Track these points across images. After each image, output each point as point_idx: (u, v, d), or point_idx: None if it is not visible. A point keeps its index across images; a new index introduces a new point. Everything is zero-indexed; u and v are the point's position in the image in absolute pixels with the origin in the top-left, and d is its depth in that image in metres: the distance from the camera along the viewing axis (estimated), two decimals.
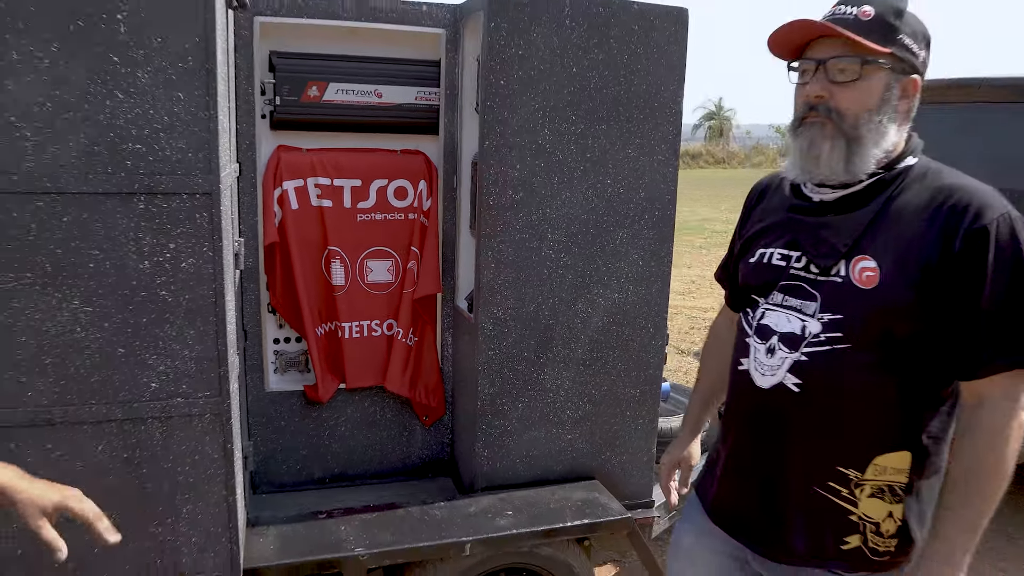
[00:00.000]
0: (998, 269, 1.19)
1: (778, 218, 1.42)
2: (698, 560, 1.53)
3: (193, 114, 1.52)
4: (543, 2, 2.01)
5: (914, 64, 1.27)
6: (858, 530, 1.32)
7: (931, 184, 1.27)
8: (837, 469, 1.30)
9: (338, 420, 2.41)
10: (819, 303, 1.29)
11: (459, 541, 1.99)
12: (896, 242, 1.24)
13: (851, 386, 1.28)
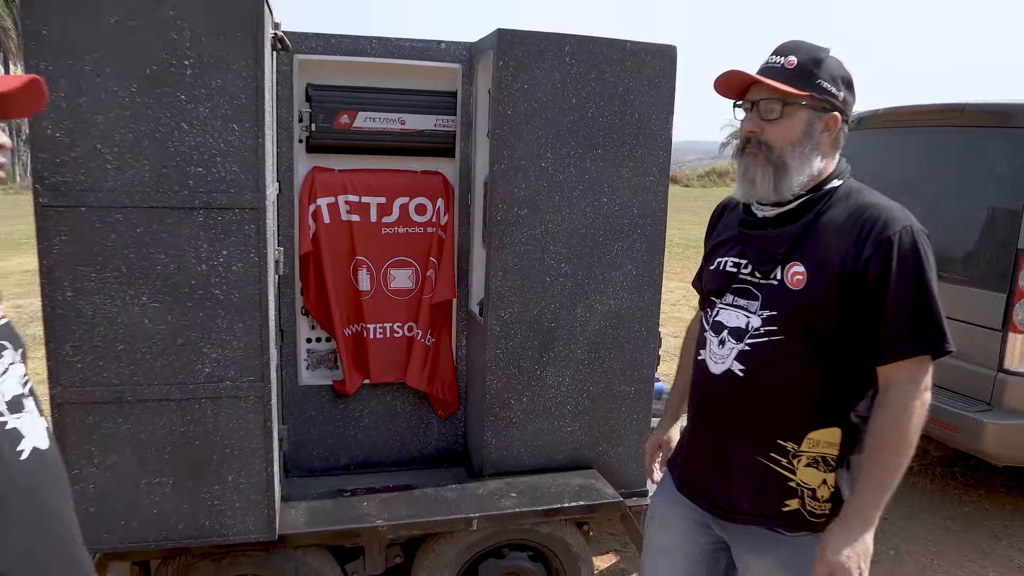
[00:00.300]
0: (901, 271, 1.43)
1: (732, 232, 1.67)
2: (669, 524, 1.77)
3: (244, 142, 1.82)
4: (546, 41, 2.29)
5: (833, 103, 1.51)
6: (797, 495, 1.55)
7: (852, 203, 1.51)
8: (777, 442, 1.54)
9: (363, 412, 2.68)
10: (760, 302, 1.54)
11: (467, 517, 2.25)
12: (822, 250, 1.49)
13: (785, 371, 1.52)
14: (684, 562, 1.75)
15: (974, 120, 3.38)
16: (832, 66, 1.51)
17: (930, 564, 3.16)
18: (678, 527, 1.75)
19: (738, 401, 1.58)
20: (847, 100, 1.54)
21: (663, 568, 1.78)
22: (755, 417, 1.56)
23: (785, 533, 1.57)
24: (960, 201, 3.40)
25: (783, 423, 1.54)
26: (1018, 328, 3.09)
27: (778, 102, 1.49)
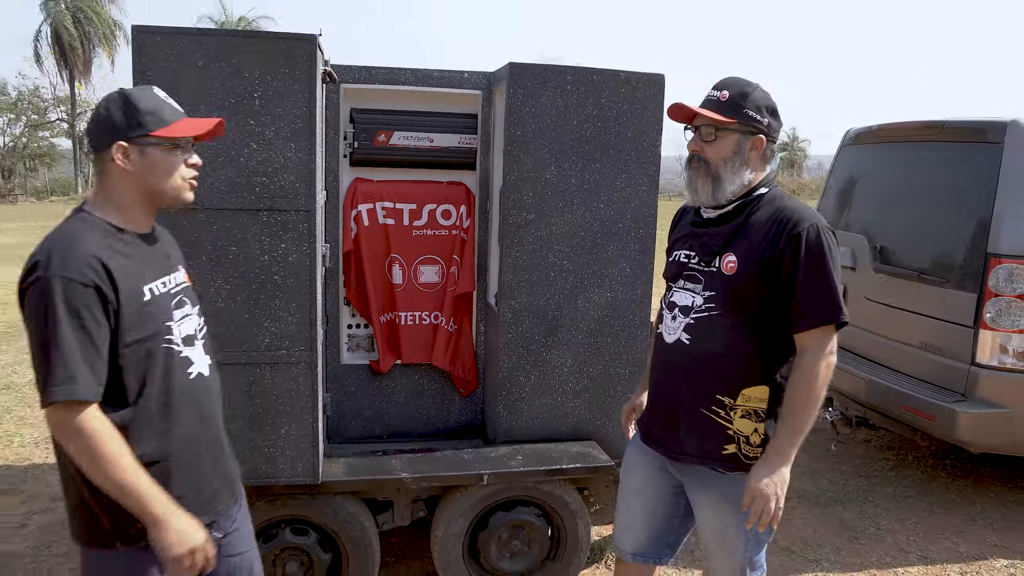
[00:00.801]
0: (807, 260, 1.81)
1: (686, 231, 2.06)
2: (637, 469, 2.16)
3: (300, 158, 2.28)
4: (550, 72, 2.71)
5: (758, 127, 1.90)
6: (734, 441, 1.93)
7: (774, 206, 1.90)
8: (717, 397, 1.93)
9: (395, 388, 3.11)
10: (703, 285, 1.94)
11: (479, 473, 2.66)
12: (749, 244, 1.88)
13: (722, 340, 1.91)
14: (649, 500, 2.14)
15: (952, 136, 3.70)
16: (758, 98, 1.90)
17: (907, 540, 3.46)
18: (644, 472, 2.14)
19: (686, 364, 1.97)
20: (771, 125, 1.93)
21: (633, 505, 2.17)
22: (699, 377, 1.95)
23: (725, 472, 1.95)
24: (940, 210, 3.71)
25: (721, 382, 1.93)
26: (988, 326, 3.39)
27: (713, 127, 1.89)
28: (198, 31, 2.33)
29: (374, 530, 2.70)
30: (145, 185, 1.62)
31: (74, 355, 1.46)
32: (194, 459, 1.68)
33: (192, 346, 1.68)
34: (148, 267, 1.64)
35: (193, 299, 1.76)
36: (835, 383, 4.23)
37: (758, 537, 2.02)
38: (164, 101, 1.63)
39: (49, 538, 3.39)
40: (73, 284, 1.47)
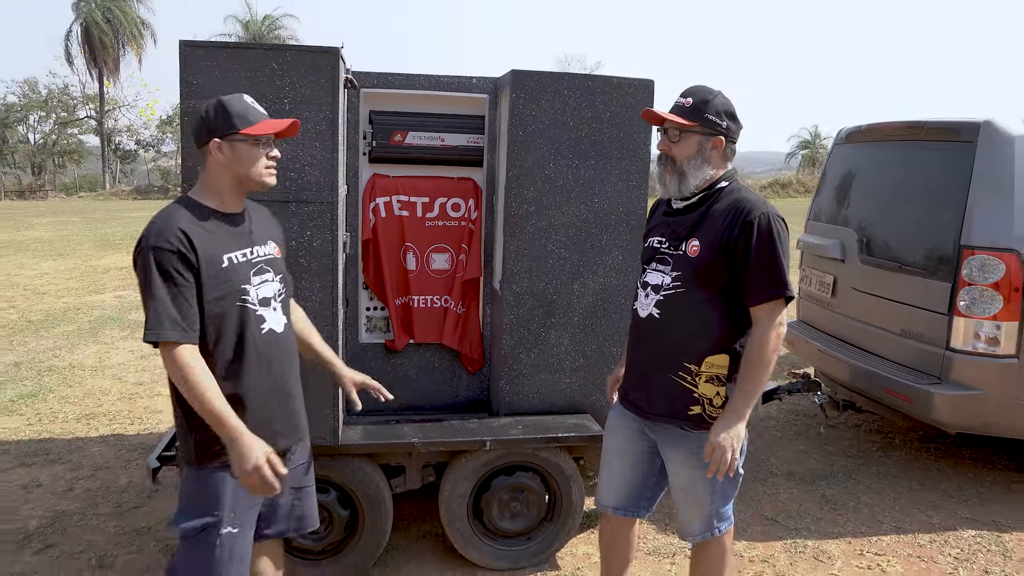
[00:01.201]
0: (759, 243, 2.09)
1: (660, 220, 2.34)
2: (617, 432, 2.44)
3: (324, 156, 2.59)
4: (549, 78, 3.00)
5: (718, 130, 2.17)
6: (699, 403, 2.21)
7: (732, 198, 2.18)
8: (684, 364, 2.21)
9: (408, 365, 3.42)
10: (671, 266, 2.22)
11: (482, 439, 2.95)
12: (710, 230, 2.16)
13: (687, 314, 2.19)
14: (629, 459, 2.43)
15: (931, 135, 3.94)
16: (718, 104, 2.18)
17: (883, 513, 3.71)
18: (624, 434, 2.43)
19: (656, 336, 2.25)
20: (730, 127, 2.20)
21: (614, 464, 2.46)
22: (668, 347, 2.23)
23: (691, 430, 2.23)
24: (920, 205, 3.95)
25: (688, 351, 2.21)
26: (961, 313, 3.62)
27: (678, 130, 2.17)
28: (235, 45, 2.65)
29: (388, 491, 3.00)
30: (235, 174, 2.02)
31: (164, 304, 1.88)
32: (260, 401, 2.06)
33: (268, 307, 2.08)
34: (230, 240, 2.03)
35: (277, 268, 2.15)
36: (824, 369, 4.50)
37: (724, 491, 2.30)
38: (251, 105, 2.03)
39: (95, 500, 3.74)
40: (162, 251, 1.89)
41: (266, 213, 2.26)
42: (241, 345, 2.02)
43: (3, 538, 3.35)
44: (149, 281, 1.89)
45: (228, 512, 2.04)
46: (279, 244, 2.21)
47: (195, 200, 2.04)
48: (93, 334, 7.26)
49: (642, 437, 2.39)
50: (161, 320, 1.88)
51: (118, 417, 4.95)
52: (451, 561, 3.15)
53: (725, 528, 2.34)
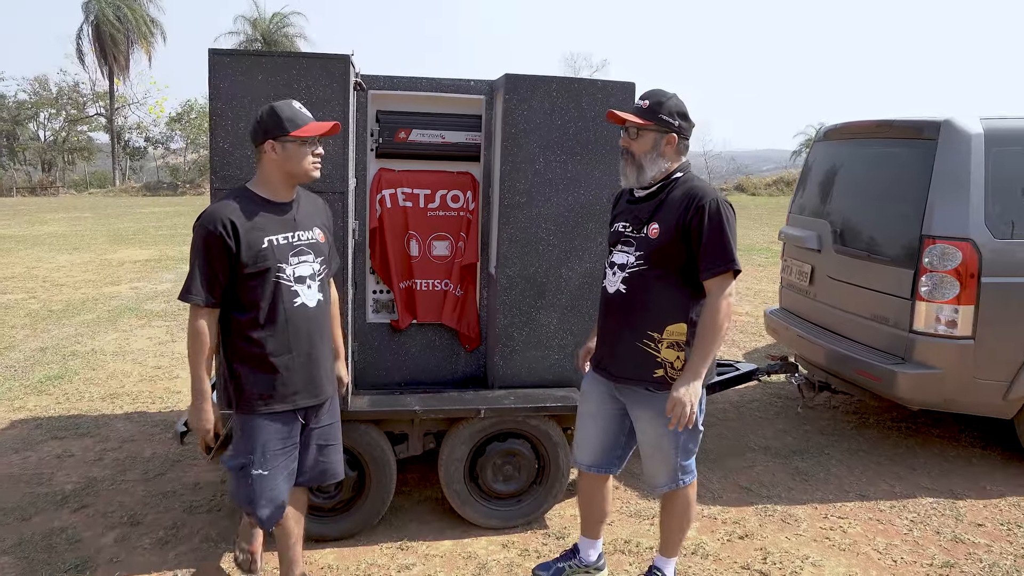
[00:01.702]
0: (710, 224, 2.40)
1: (624, 207, 2.65)
2: (590, 397, 2.76)
3: (336, 152, 2.90)
4: (539, 81, 3.30)
5: (671, 128, 2.48)
6: (662, 367, 2.52)
7: (687, 187, 2.49)
8: (648, 333, 2.52)
9: (411, 343, 3.73)
10: (635, 247, 2.53)
11: (478, 408, 3.26)
12: (667, 215, 2.47)
13: (650, 289, 2.50)
14: (601, 421, 2.74)
15: (898, 133, 4.23)
16: (671, 105, 2.49)
17: (850, 483, 4.01)
18: (596, 399, 2.74)
19: (623, 308, 2.56)
20: (682, 126, 2.51)
21: (588, 426, 2.77)
22: (633, 317, 2.54)
23: (656, 391, 2.54)
24: (887, 198, 4.24)
25: (651, 321, 2.52)
26: (923, 298, 3.92)
27: (636, 128, 2.48)
28: (258, 53, 2.96)
29: (392, 455, 3.31)
30: (285, 169, 2.39)
31: (199, 274, 2.28)
32: (284, 364, 2.43)
33: (303, 283, 2.46)
34: (274, 225, 2.40)
35: (319, 251, 2.51)
36: (803, 353, 4.80)
37: (686, 446, 2.61)
38: (299, 111, 2.37)
39: (123, 468, 4.07)
40: (208, 232, 2.29)
41: (319, 203, 2.64)
42: (273, 314, 2.40)
43: (44, 499, 3.68)
44: (194, 252, 2.33)
45: (259, 456, 2.43)
46: (324, 230, 2.58)
47: (250, 190, 2.44)
48: (112, 322, 7.60)
49: (613, 401, 2.70)
50: (191, 287, 2.33)
51: (140, 397, 5.29)
52: (449, 521, 3.46)
53: (689, 480, 2.65)
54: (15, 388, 5.44)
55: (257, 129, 2.39)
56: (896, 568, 3.18)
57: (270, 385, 2.43)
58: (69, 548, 3.22)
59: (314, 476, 2.64)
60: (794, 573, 3.12)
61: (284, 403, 2.46)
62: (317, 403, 2.55)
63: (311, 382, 2.51)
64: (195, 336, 2.33)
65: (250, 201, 2.41)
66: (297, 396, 2.48)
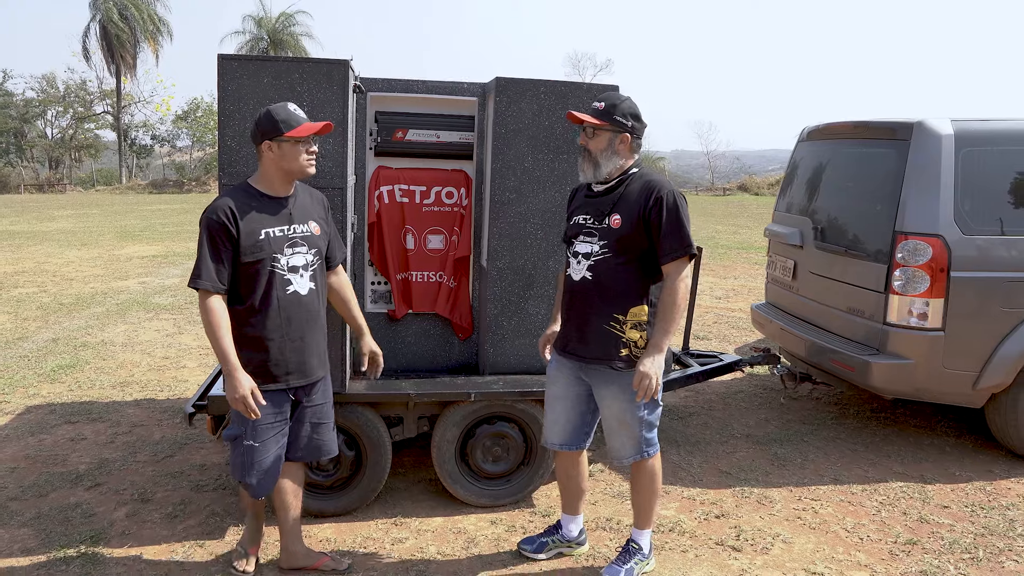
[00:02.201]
0: (667, 214, 2.62)
1: (582, 201, 2.87)
2: (558, 381, 2.96)
3: (336, 149, 3.10)
4: (528, 84, 3.50)
5: (624, 128, 2.70)
6: (627, 346, 2.73)
7: (643, 180, 2.72)
8: (613, 315, 2.73)
9: (407, 332, 3.93)
10: (598, 237, 2.73)
11: (468, 392, 3.46)
12: (628, 206, 2.68)
13: (614, 274, 2.71)
14: (568, 402, 2.96)
15: (874, 133, 4.42)
16: (624, 107, 2.72)
17: (825, 469, 4.20)
18: (563, 382, 2.95)
19: (589, 294, 2.77)
20: (634, 126, 2.73)
21: (557, 408, 2.98)
22: (599, 302, 2.75)
23: (621, 370, 2.75)
24: (864, 195, 4.43)
25: (615, 304, 2.73)
26: (896, 291, 4.10)
27: (591, 128, 2.70)
28: (263, 58, 3.18)
29: (388, 437, 3.51)
30: (282, 167, 2.60)
31: (206, 261, 2.48)
32: (276, 346, 2.65)
33: (296, 273, 2.66)
34: (271, 218, 2.61)
35: (312, 243, 2.71)
36: (785, 346, 5.00)
37: (649, 421, 2.82)
38: (293, 112, 2.57)
39: (134, 450, 4.28)
40: (213, 221, 2.49)
41: (316, 196, 2.85)
42: (267, 301, 2.61)
43: (59, 478, 3.89)
44: (201, 241, 2.53)
45: (251, 430, 2.66)
46: (319, 223, 2.78)
47: (251, 186, 2.66)
48: (121, 315, 7.82)
49: (578, 383, 2.91)
50: (200, 273, 2.52)
51: (149, 385, 5.50)
52: (441, 500, 3.67)
53: (653, 452, 2.86)
54: (29, 376, 5.66)
55: (256, 131, 2.61)
56: (862, 545, 3.37)
57: (264, 366, 2.65)
58: (84, 522, 3.43)
59: (309, 452, 2.87)
60: (765, 549, 3.32)
61: (277, 383, 2.69)
62: (308, 383, 2.77)
63: (303, 364, 2.74)
64: (209, 315, 2.53)
65: (250, 196, 2.63)
66: (290, 377, 2.71)
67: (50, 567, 3.05)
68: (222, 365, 2.58)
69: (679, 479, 4.02)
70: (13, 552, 3.16)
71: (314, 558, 3.02)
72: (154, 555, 3.15)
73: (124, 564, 3.08)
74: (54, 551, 3.16)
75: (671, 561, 3.19)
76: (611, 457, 2.95)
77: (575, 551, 3.21)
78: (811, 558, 3.25)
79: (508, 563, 3.14)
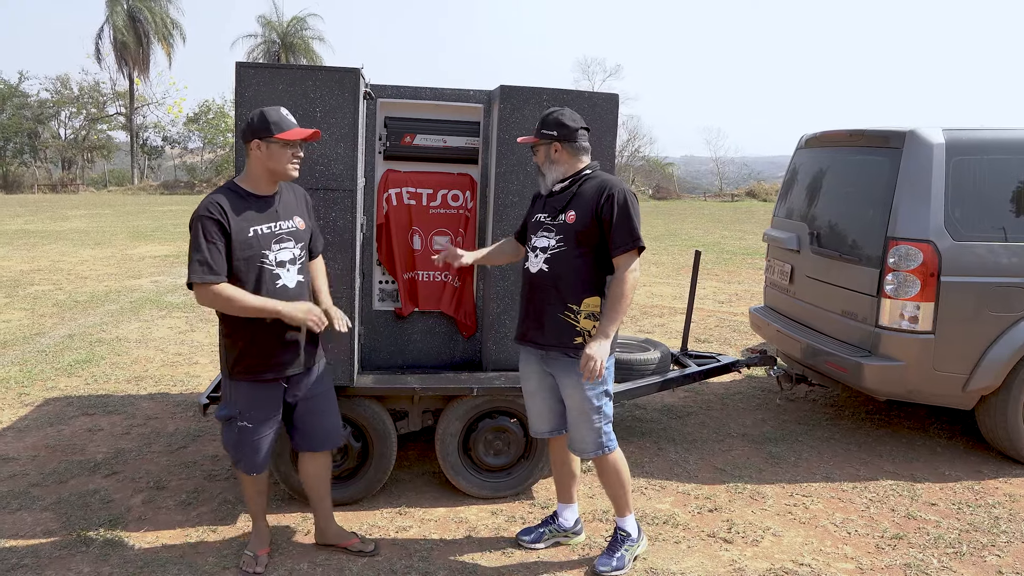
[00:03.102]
0: (619, 209, 2.80)
1: (541, 202, 3.04)
2: (530, 378, 3.13)
3: (347, 153, 3.25)
4: (531, 92, 3.64)
5: (552, 137, 2.91)
6: (581, 335, 2.90)
7: (597, 180, 2.91)
8: (568, 305, 2.89)
9: (413, 330, 4.07)
10: (554, 232, 2.91)
11: (471, 386, 3.61)
12: (582, 203, 2.87)
13: (569, 266, 2.89)
14: (544, 393, 3.13)
15: (869, 141, 4.54)
16: (550, 120, 2.93)
17: (818, 467, 4.32)
18: (534, 377, 3.12)
19: (545, 285, 2.94)
20: (562, 133, 2.92)
21: (537, 402, 3.16)
22: (555, 292, 2.93)
23: (576, 357, 2.90)
24: (858, 202, 4.56)
25: (570, 295, 2.91)
26: (887, 295, 4.22)
27: (530, 145, 2.97)
28: (278, 66, 3.33)
29: (393, 430, 3.66)
30: (267, 166, 2.73)
31: (201, 255, 2.61)
32: (266, 337, 2.79)
33: (283, 267, 2.79)
34: (258, 216, 2.73)
35: (298, 238, 2.86)
36: (782, 348, 5.12)
37: (605, 412, 3.00)
38: (285, 116, 2.71)
39: (149, 441, 4.44)
40: (205, 218, 2.63)
41: (299, 192, 2.99)
42: (256, 294, 2.74)
43: (78, 466, 4.05)
44: (195, 238, 2.66)
45: (244, 411, 2.84)
46: (304, 218, 2.93)
47: (237, 184, 2.80)
48: (134, 312, 8.00)
49: (545, 375, 3.09)
50: (195, 268, 2.64)
51: (163, 380, 5.67)
52: (444, 491, 3.81)
53: (613, 447, 3.06)
54: (47, 370, 5.84)
55: (247, 129, 2.76)
56: (849, 539, 3.49)
57: (257, 356, 2.81)
58: (102, 507, 3.59)
59: (317, 442, 3.05)
60: (755, 541, 3.44)
61: (269, 371, 2.85)
62: (299, 372, 2.93)
63: (295, 354, 2.90)
64: (228, 296, 2.66)
65: (236, 195, 2.76)
66: (284, 366, 2.87)
67: (72, 548, 3.20)
68: (271, 313, 2.70)
69: (675, 475, 4.14)
70: (36, 534, 3.32)
71: (344, 537, 3.23)
72: (170, 539, 3.30)
73: (141, 546, 3.23)
74: (75, 533, 3.32)
75: (664, 551, 3.32)
76: (574, 451, 3.10)
77: (572, 541, 3.34)
78: (799, 551, 3.37)
79: (507, 552, 3.28)
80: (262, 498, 3.10)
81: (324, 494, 3.15)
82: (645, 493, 3.91)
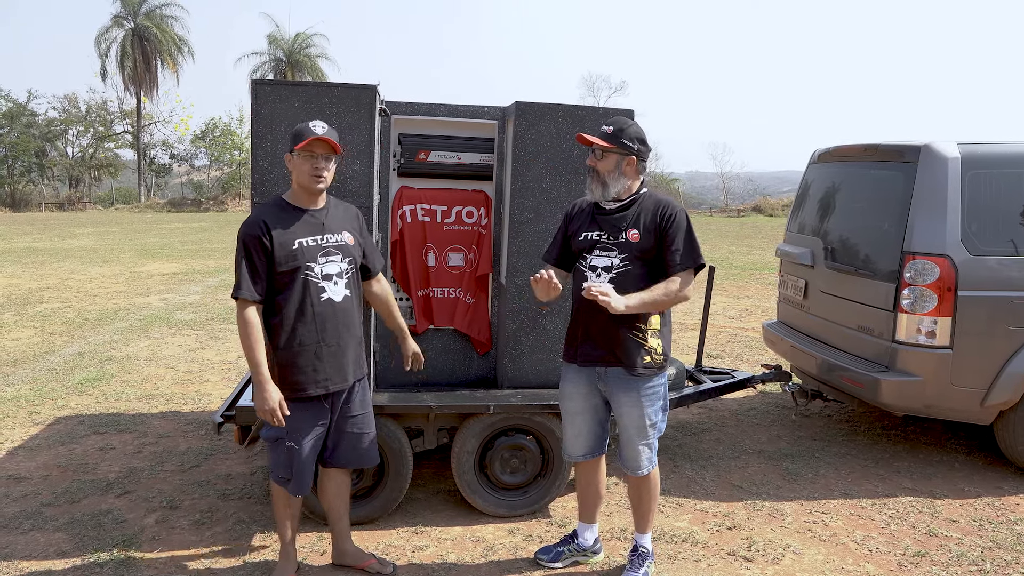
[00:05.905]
0: (679, 228, 2.80)
1: (589, 219, 2.99)
2: (574, 398, 3.08)
3: (363, 170, 3.25)
4: (546, 108, 3.64)
5: (631, 151, 2.85)
6: (649, 353, 2.86)
7: (655, 200, 2.89)
8: (636, 324, 2.86)
9: (427, 347, 4.04)
10: (617, 251, 2.87)
11: (487, 404, 3.58)
12: (644, 221, 2.83)
13: (635, 285, 2.84)
14: (587, 414, 3.09)
15: (883, 156, 4.53)
16: (631, 132, 2.87)
17: (836, 484, 4.28)
18: (579, 396, 3.07)
19: None
20: (641, 150, 2.89)
21: (579, 423, 3.11)
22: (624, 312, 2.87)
23: (641, 375, 2.87)
24: (873, 216, 4.54)
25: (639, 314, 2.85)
26: (904, 310, 4.20)
27: (600, 150, 2.85)
28: (294, 83, 3.35)
29: (409, 448, 3.63)
30: (296, 178, 2.77)
31: (243, 272, 2.65)
32: (313, 352, 2.79)
33: (330, 281, 2.82)
34: (303, 228, 2.77)
35: (346, 252, 2.86)
36: (796, 363, 5.08)
37: (659, 428, 2.97)
38: (308, 127, 2.72)
39: (161, 459, 4.41)
40: (248, 235, 2.66)
41: (352, 210, 3.01)
42: (302, 308, 2.77)
43: (90, 485, 4.03)
44: (239, 255, 2.70)
45: (291, 432, 2.80)
46: (354, 234, 2.94)
47: (283, 199, 2.84)
48: (144, 330, 8.00)
49: (594, 394, 3.04)
50: (240, 284, 2.69)
51: (174, 398, 5.65)
52: (460, 509, 3.77)
53: (655, 464, 3.05)
54: (57, 389, 5.83)
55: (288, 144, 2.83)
56: (871, 557, 3.45)
57: (302, 372, 2.79)
58: (116, 527, 3.56)
59: (351, 459, 3.04)
60: (775, 559, 3.40)
61: (316, 388, 2.82)
62: (344, 387, 2.90)
63: (340, 368, 2.88)
64: (246, 327, 2.69)
65: (282, 208, 2.81)
66: (328, 381, 2.85)
67: (85, 570, 3.17)
68: (252, 375, 2.73)
69: (692, 492, 4.10)
70: (49, 555, 3.29)
71: (362, 558, 3.19)
72: (184, 559, 3.27)
73: (155, 567, 3.20)
74: (88, 555, 3.29)
75: (684, 571, 3.28)
76: (624, 468, 3.06)
77: (591, 560, 3.30)
78: (821, 569, 3.32)
79: (525, 571, 3.24)
80: (295, 521, 3.08)
81: (343, 513, 3.13)
82: (663, 511, 3.87)
